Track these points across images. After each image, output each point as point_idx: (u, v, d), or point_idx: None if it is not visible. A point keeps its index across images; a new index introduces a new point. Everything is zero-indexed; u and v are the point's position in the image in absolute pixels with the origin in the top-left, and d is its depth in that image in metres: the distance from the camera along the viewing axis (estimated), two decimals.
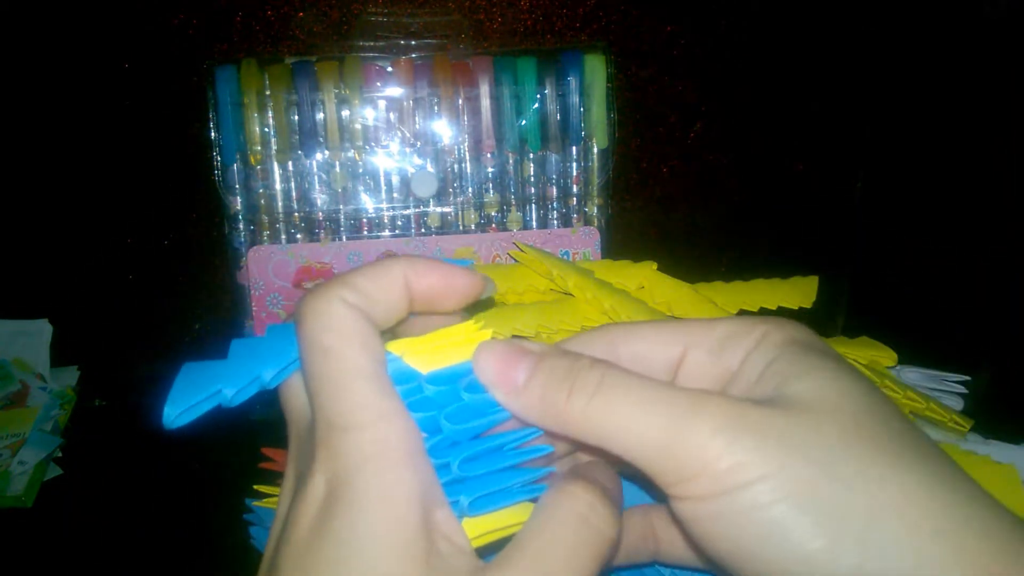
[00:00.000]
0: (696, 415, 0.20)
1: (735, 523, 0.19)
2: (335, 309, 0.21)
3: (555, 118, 0.54)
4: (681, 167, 0.61)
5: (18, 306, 0.58)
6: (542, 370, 0.22)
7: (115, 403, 0.59)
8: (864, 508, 0.18)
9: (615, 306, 0.41)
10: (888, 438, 0.20)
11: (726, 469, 0.19)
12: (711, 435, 0.19)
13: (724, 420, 0.20)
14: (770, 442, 0.19)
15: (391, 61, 0.53)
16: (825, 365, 0.21)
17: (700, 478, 0.19)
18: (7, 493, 0.48)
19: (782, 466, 0.19)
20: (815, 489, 0.19)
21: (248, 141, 0.52)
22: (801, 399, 0.20)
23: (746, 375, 0.22)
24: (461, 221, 0.54)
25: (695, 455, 0.19)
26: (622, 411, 0.21)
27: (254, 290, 0.52)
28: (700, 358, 0.23)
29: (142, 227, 0.58)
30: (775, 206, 0.63)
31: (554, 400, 0.21)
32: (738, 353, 0.23)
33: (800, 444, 0.19)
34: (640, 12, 0.58)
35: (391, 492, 0.20)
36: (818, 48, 0.59)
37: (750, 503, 0.19)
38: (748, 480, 0.19)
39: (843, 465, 0.19)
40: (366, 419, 0.20)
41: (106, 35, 0.55)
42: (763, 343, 0.22)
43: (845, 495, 0.18)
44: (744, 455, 0.19)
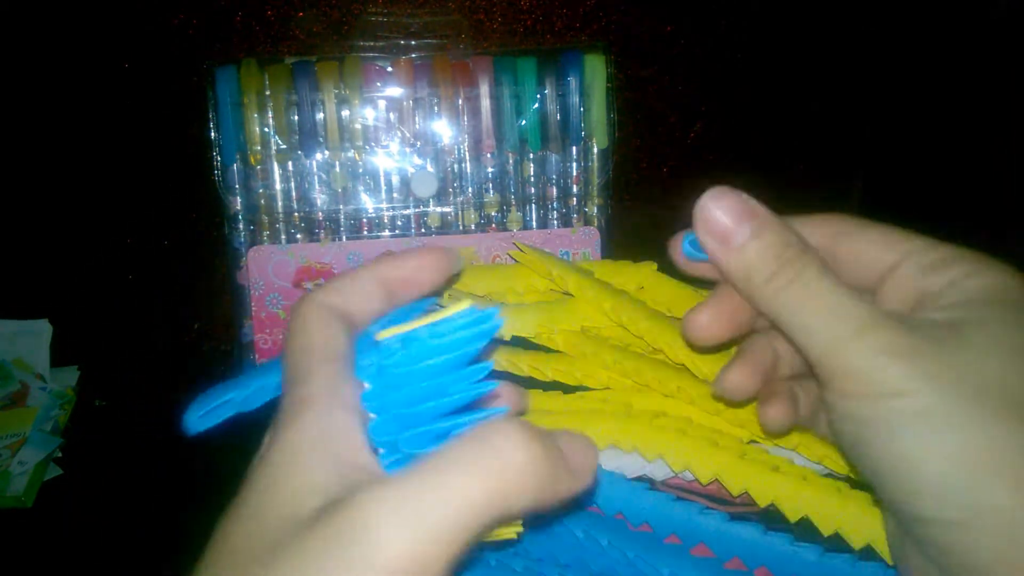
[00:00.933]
0: (866, 333, 0.23)
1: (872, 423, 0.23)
2: (311, 306, 0.25)
3: (555, 118, 0.54)
4: (681, 167, 0.61)
5: (18, 306, 0.58)
6: (760, 240, 0.25)
7: (115, 403, 0.59)
8: (975, 444, 0.21)
9: (615, 306, 0.41)
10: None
11: (877, 379, 0.22)
12: (871, 353, 0.23)
13: (886, 343, 0.23)
14: (919, 368, 0.22)
15: (391, 61, 0.53)
16: (1004, 316, 0.23)
17: (852, 380, 0.23)
18: (7, 493, 0.48)
19: (925, 391, 0.22)
20: (944, 416, 0.22)
21: (248, 141, 0.52)
22: (967, 338, 0.23)
23: (938, 301, 0.24)
24: (461, 221, 0.54)
25: (853, 365, 0.23)
26: (809, 307, 0.24)
27: (254, 290, 0.52)
28: (910, 271, 0.26)
29: (142, 227, 0.58)
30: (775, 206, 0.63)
31: (760, 272, 0.24)
32: (940, 280, 0.25)
33: (948, 379, 0.22)
34: (640, 12, 0.58)
35: (313, 430, 0.21)
36: (818, 48, 0.59)
37: (888, 410, 0.22)
38: (891, 392, 0.22)
39: (973, 404, 0.22)
40: (305, 383, 0.22)
41: (106, 35, 0.55)
42: (967, 280, 0.24)
43: (963, 427, 0.22)
44: (893, 375, 0.22)
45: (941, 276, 0.25)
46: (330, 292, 0.25)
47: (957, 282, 0.24)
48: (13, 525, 0.48)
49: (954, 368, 0.22)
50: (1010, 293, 0.24)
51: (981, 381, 0.22)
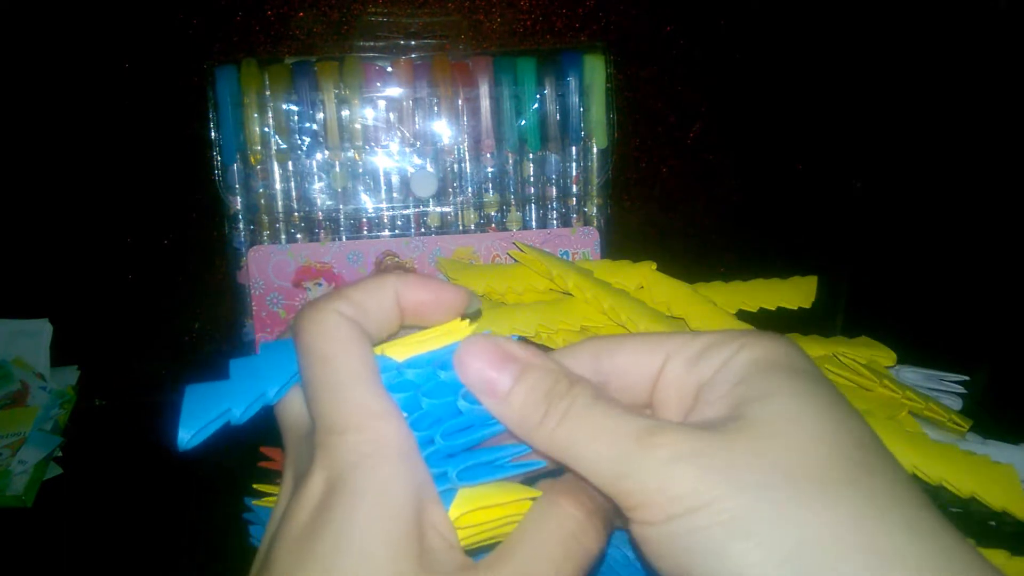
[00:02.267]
0: (646, 448, 0.21)
1: (679, 546, 0.20)
2: (332, 319, 0.22)
3: (554, 118, 0.54)
4: (681, 167, 0.61)
5: (18, 306, 0.58)
6: (525, 383, 0.23)
7: (115, 402, 0.59)
8: (793, 538, 0.19)
9: (614, 306, 0.41)
10: (832, 466, 0.20)
11: (669, 498, 0.20)
12: (658, 467, 0.20)
13: (669, 451, 0.21)
14: (712, 472, 0.20)
15: (391, 61, 0.53)
16: (786, 387, 0.22)
17: (649, 505, 0.20)
18: (7, 492, 0.48)
19: (720, 495, 0.20)
20: (749, 516, 0.19)
21: (248, 141, 0.52)
22: (753, 423, 0.21)
23: (714, 391, 0.23)
24: (461, 221, 0.54)
25: (644, 484, 0.21)
26: (586, 438, 0.22)
27: (254, 289, 0.52)
28: (678, 369, 0.24)
29: (142, 227, 0.58)
30: (775, 206, 0.63)
31: (528, 417, 0.22)
32: (711, 367, 0.23)
33: (740, 473, 0.20)
34: (640, 12, 0.58)
35: (386, 487, 0.20)
36: (818, 48, 0.60)
37: (689, 529, 0.20)
38: (688, 508, 0.20)
39: (777, 493, 0.20)
40: (363, 421, 0.21)
41: (106, 35, 0.55)
42: (735, 359, 0.23)
43: (775, 523, 0.19)
44: (684, 485, 0.20)
45: (709, 364, 0.23)
46: (348, 302, 0.23)
47: (727, 364, 0.23)
48: (13, 524, 0.48)
49: (748, 460, 0.20)
50: (782, 359, 0.22)
51: (783, 463, 0.20)
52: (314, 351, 0.22)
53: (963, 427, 0.41)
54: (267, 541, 0.22)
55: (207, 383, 0.24)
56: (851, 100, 0.60)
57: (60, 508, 0.49)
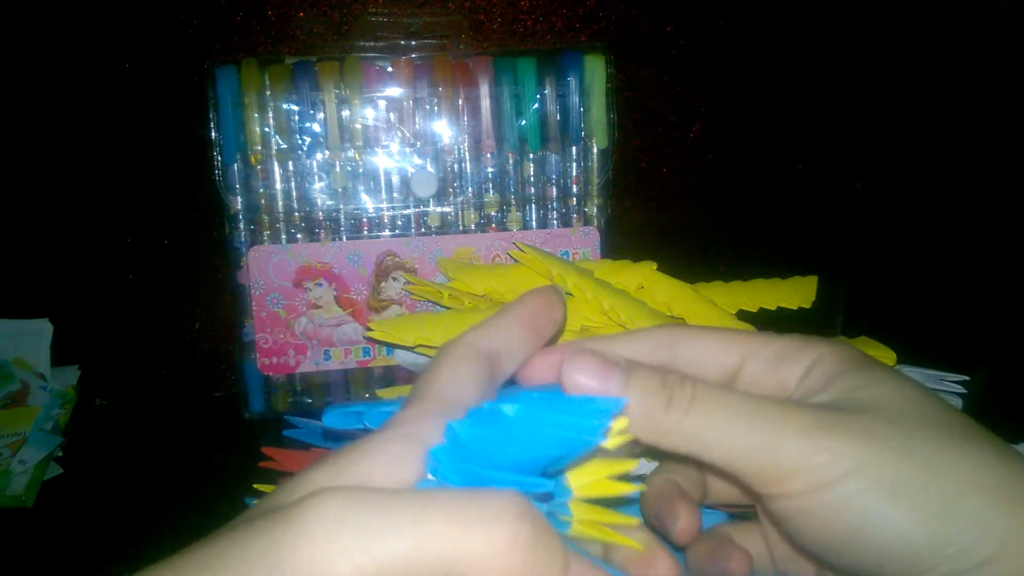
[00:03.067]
0: (786, 422, 0.22)
1: (831, 514, 0.21)
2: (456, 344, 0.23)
3: (555, 118, 0.54)
4: (681, 167, 0.61)
5: (18, 306, 0.58)
6: (636, 383, 0.23)
7: (115, 402, 0.59)
8: (948, 487, 0.21)
9: (615, 306, 0.41)
10: (952, 428, 0.22)
11: (819, 466, 0.21)
12: (803, 438, 0.22)
13: (813, 424, 0.22)
14: (855, 439, 0.21)
15: (391, 61, 0.53)
16: (885, 376, 0.24)
17: (795, 476, 0.21)
18: (7, 492, 0.48)
19: (870, 458, 0.21)
20: (901, 476, 0.21)
21: (248, 141, 0.52)
22: (872, 404, 0.23)
23: (808, 387, 0.24)
24: (461, 221, 0.54)
25: (790, 457, 0.22)
26: (718, 423, 0.22)
27: (254, 290, 0.52)
28: (757, 369, 0.25)
29: (142, 227, 0.58)
30: (775, 206, 0.63)
31: (651, 411, 0.23)
32: (796, 369, 0.25)
33: (882, 438, 0.21)
34: (640, 12, 0.58)
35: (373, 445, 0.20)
36: (818, 48, 0.60)
37: (844, 494, 0.21)
38: (840, 474, 0.21)
39: (922, 453, 0.21)
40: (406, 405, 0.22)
41: (106, 35, 0.55)
42: (823, 360, 0.24)
43: (929, 478, 0.21)
44: (834, 453, 0.21)
45: (791, 368, 0.25)
46: (481, 333, 0.24)
47: (816, 365, 0.24)
48: (13, 524, 0.48)
49: (884, 427, 0.22)
50: (861, 359, 0.24)
51: (916, 429, 0.22)
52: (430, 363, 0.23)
53: None
54: None
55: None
56: (851, 100, 0.60)
57: (60, 508, 0.49)
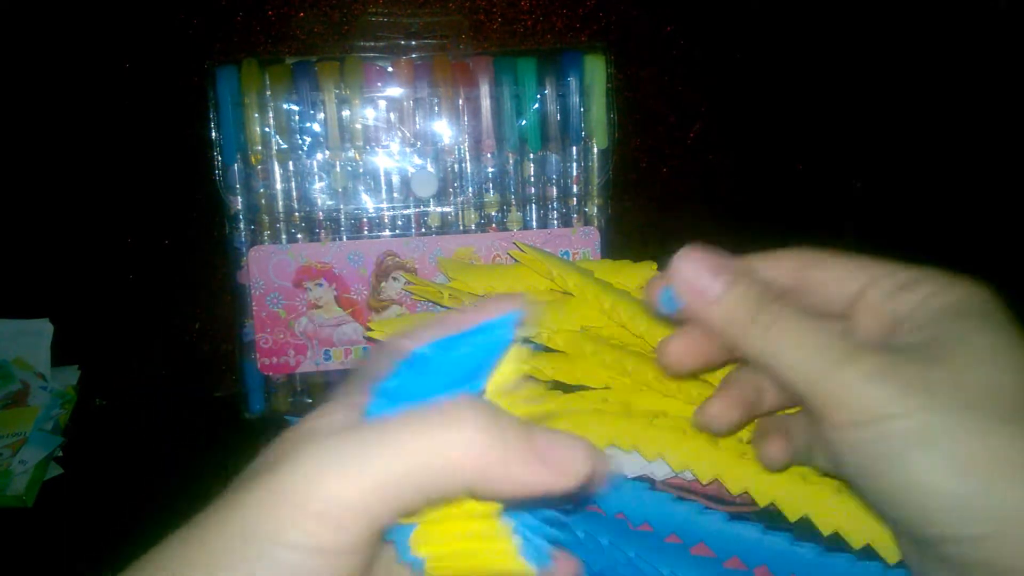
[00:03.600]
0: (848, 362, 0.23)
1: (870, 450, 0.23)
2: None
3: (555, 118, 0.54)
4: (681, 167, 0.61)
5: (19, 306, 0.58)
6: (737, 289, 0.25)
7: (116, 402, 0.59)
8: (976, 451, 0.21)
9: (615, 306, 0.41)
10: (1019, 398, 0.22)
11: (866, 405, 0.23)
12: (858, 380, 0.23)
13: (873, 368, 0.23)
14: (912, 389, 0.22)
15: (391, 61, 0.53)
16: (980, 327, 0.24)
17: (843, 409, 0.23)
18: (8, 492, 0.49)
19: (913, 408, 0.22)
20: (939, 430, 0.22)
21: (249, 141, 0.52)
22: (948, 354, 0.23)
23: (914, 320, 0.25)
24: (461, 221, 0.54)
25: (842, 391, 0.23)
26: (793, 345, 0.24)
27: (254, 290, 0.52)
28: (879, 296, 0.26)
29: (142, 227, 0.58)
30: (775, 206, 0.63)
31: (740, 319, 0.25)
32: (913, 299, 0.25)
33: (940, 393, 0.22)
34: (640, 12, 0.58)
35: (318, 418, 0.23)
36: (818, 48, 0.60)
37: (884, 434, 0.22)
38: (882, 415, 0.22)
39: (966, 415, 0.22)
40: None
41: (107, 35, 0.55)
42: (936, 296, 0.25)
43: (961, 438, 0.22)
44: (883, 397, 0.22)
45: (908, 298, 0.25)
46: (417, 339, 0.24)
47: (925, 301, 0.25)
48: (14, 524, 0.48)
49: (942, 382, 0.22)
50: (976, 304, 0.25)
51: (972, 390, 0.22)
52: None
53: None
54: None
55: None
56: (851, 100, 0.60)
57: (61, 508, 0.49)
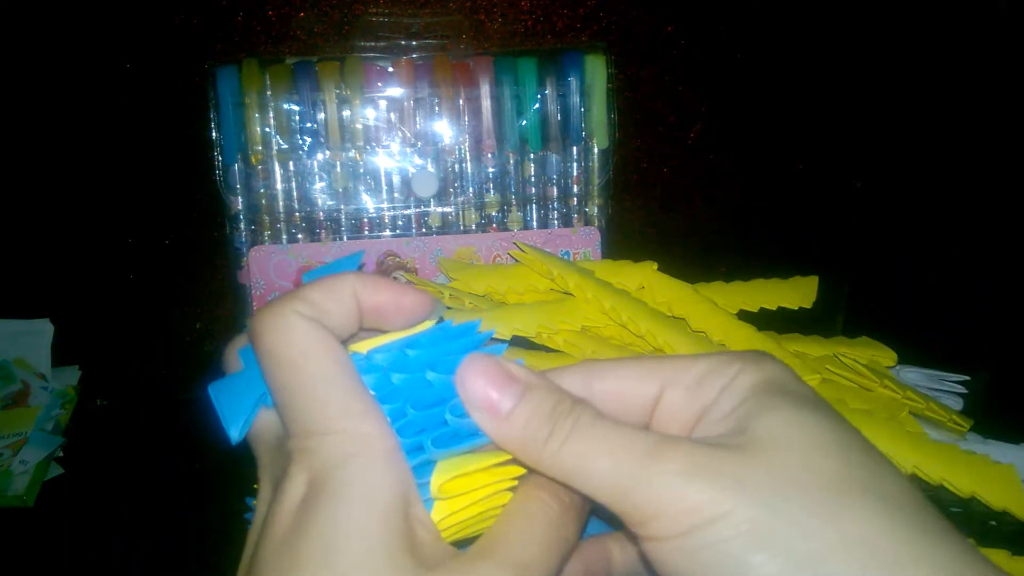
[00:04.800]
0: (655, 461, 0.21)
1: (695, 560, 0.20)
2: (292, 322, 0.22)
3: (555, 118, 0.54)
4: (681, 167, 0.61)
5: (19, 306, 0.58)
6: (528, 404, 0.22)
7: (116, 403, 0.59)
8: (810, 546, 0.19)
9: (615, 306, 0.42)
10: (840, 474, 0.20)
11: (683, 511, 0.20)
12: (669, 479, 0.20)
13: (681, 465, 0.20)
14: (724, 484, 0.20)
15: (392, 61, 0.53)
16: (788, 404, 0.22)
17: (661, 519, 0.20)
18: (8, 492, 0.49)
19: (735, 506, 0.20)
20: (766, 527, 0.19)
21: (249, 141, 0.52)
22: (759, 439, 0.21)
23: (715, 412, 0.23)
24: (462, 221, 0.54)
25: (655, 498, 0.20)
26: (590, 456, 0.21)
27: (255, 290, 0.52)
28: (677, 396, 0.24)
29: (143, 227, 0.58)
30: (775, 206, 0.63)
31: (532, 438, 0.22)
32: (712, 391, 0.23)
33: (752, 484, 0.20)
34: (640, 12, 0.58)
35: (374, 484, 0.20)
36: (818, 48, 0.60)
37: (706, 541, 0.20)
38: (704, 520, 0.20)
39: (792, 503, 0.20)
40: (344, 421, 0.21)
41: (107, 35, 0.55)
42: (735, 381, 0.23)
43: (793, 532, 0.19)
44: (700, 497, 0.20)
45: (710, 389, 0.23)
46: (306, 303, 0.22)
47: (725, 390, 0.23)
48: (14, 524, 0.48)
49: (759, 472, 0.20)
50: (779, 380, 0.23)
51: (794, 474, 0.20)
52: (279, 357, 0.21)
53: (963, 427, 0.41)
54: (249, 550, 0.22)
55: (224, 378, 0.24)
56: (851, 100, 0.60)
57: (61, 508, 0.49)
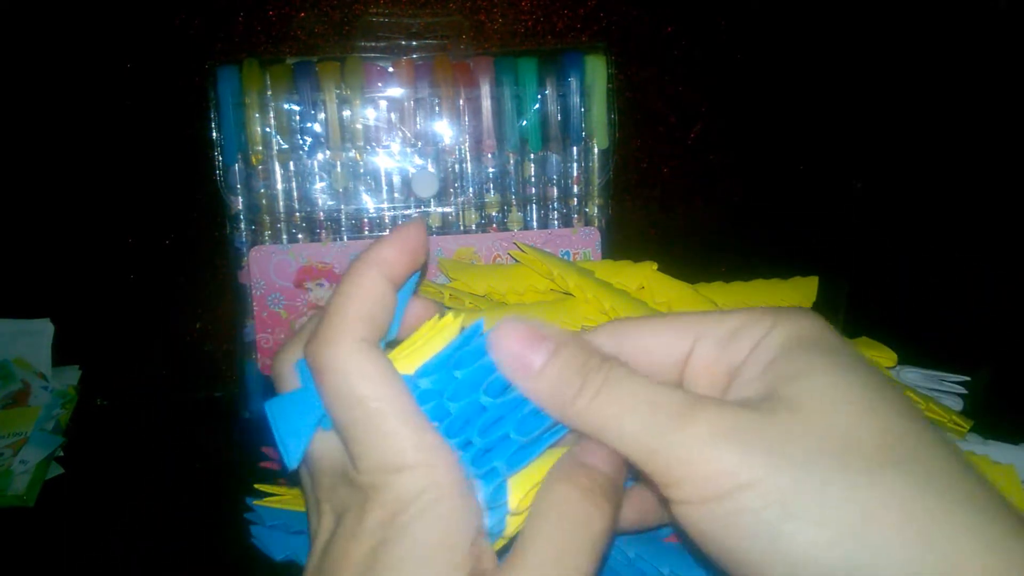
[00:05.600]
0: (686, 423, 0.20)
1: (724, 526, 0.20)
2: (354, 356, 0.22)
3: (556, 118, 0.54)
4: (681, 167, 0.61)
5: (20, 306, 0.58)
6: (558, 359, 0.22)
7: (116, 402, 0.59)
8: (848, 512, 0.19)
9: (615, 306, 0.42)
10: (877, 442, 0.19)
11: (712, 475, 0.20)
12: (699, 443, 0.20)
13: (711, 428, 0.20)
14: (755, 450, 0.19)
15: (392, 61, 0.53)
16: (824, 364, 0.21)
17: (689, 482, 0.20)
18: (9, 492, 0.49)
19: (767, 473, 0.19)
20: (799, 495, 0.19)
21: (249, 141, 0.52)
22: (793, 401, 0.20)
23: (748, 371, 0.22)
24: (462, 221, 0.54)
25: (684, 461, 0.20)
26: (620, 412, 0.21)
27: (255, 290, 0.52)
28: (708, 351, 0.23)
29: (143, 227, 0.58)
30: (775, 206, 0.63)
31: (563, 392, 0.22)
32: (744, 347, 0.23)
33: (785, 451, 0.19)
34: (640, 13, 0.58)
35: (449, 521, 0.21)
36: (818, 48, 0.60)
37: (737, 508, 0.19)
38: (734, 487, 0.19)
39: (826, 470, 0.19)
40: (417, 457, 0.21)
41: (108, 35, 0.55)
42: (768, 338, 0.22)
43: (827, 502, 0.19)
44: (730, 463, 0.19)
45: (741, 344, 0.23)
46: (361, 324, 0.22)
47: (758, 347, 0.22)
48: (15, 524, 0.48)
49: (792, 438, 0.19)
50: (814, 336, 0.22)
51: (828, 440, 0.19)
52: (346, 395, 0.22)
53: (963, 428, 0.41)
54: None
55: (282, 396, 0.24)
56: (851, 100, 0.60)
57: (62, 508, 0.49)
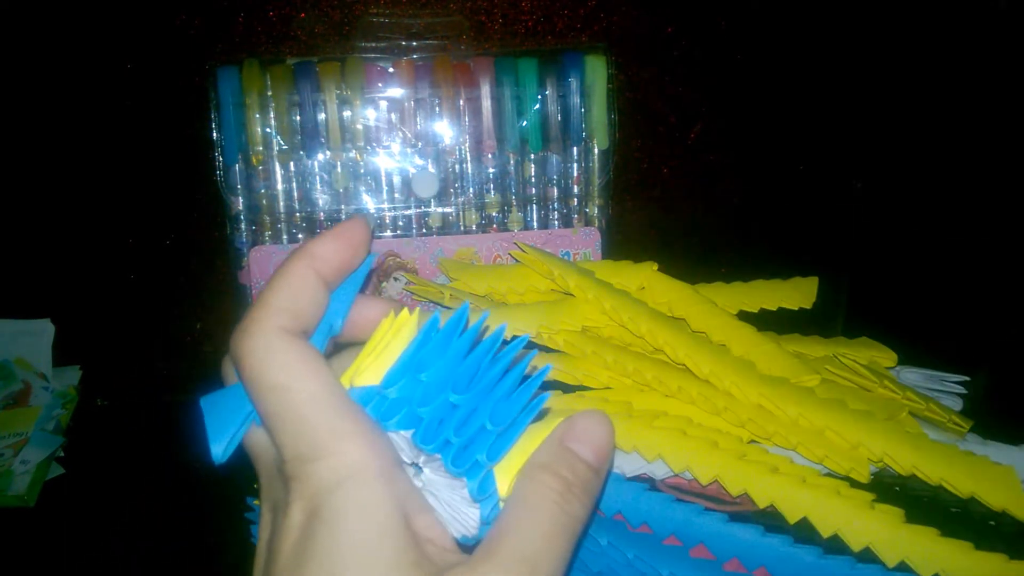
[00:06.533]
0: None
1: None
2: (273, 343, 0.22)
3: (556, 119, 0.54)
4: (681, 167, 0.61)
5: (20, 306, 0.58)
6: None
7: (117, 403, 0.59)
8: None
9: (615, 306, 0.42)
10: None
11: None
12: None
13: None
14: None
15: (392, 62, 0.53)
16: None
17: None
18: (9, 492, 0.49)
19: None
20: None
21: (250, 141, 0.52)
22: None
23: None
24: (462, 221, 0.54)
25: None
26: None
27: (255, 290, 0.52)
28: None
29: (143, 227, 0.58)
30: (775, 206, 0.63)
31: None
32: None
33: None
34: (640, 13, 0.58)
35: (368, 507, 0.20)
36: (818, 48, 0.60)
37: None
38: None
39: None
40: (332, 445, 0.21)
41: (108, 35, 0.55)
42: None
43: None
44: None
45: None
46: (282, 313, 0.22)
47: None
48: (16, 524, 0.48)
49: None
50: None
51: None
52: (264, 382, 0.21)
53: (963, 428, 0.41)
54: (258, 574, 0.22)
55: (217, 392, 0.24)
56: (851, 100, 0.60)
57: (62, 508, 0.49)
